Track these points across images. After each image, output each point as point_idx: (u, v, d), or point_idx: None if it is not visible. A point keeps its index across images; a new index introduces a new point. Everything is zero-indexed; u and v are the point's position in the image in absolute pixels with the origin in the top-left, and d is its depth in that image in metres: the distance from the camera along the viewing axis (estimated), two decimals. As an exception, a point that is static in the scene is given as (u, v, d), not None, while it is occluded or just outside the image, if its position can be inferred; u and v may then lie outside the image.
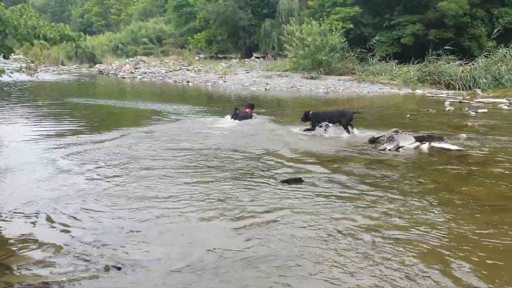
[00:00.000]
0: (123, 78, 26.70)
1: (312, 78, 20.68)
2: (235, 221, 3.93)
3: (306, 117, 8.67)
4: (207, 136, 7.98)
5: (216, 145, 7.15)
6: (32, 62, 27.38)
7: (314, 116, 8.54)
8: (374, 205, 4.35)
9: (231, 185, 4.98)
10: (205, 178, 5.25)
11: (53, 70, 32.05)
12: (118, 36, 45.94)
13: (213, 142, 7.40)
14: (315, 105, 13.91)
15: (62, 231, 3.75)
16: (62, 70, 32.92)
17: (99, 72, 31.08)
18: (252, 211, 4.17)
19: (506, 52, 18.29)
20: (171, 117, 10.33)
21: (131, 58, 36.91)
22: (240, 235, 3.67)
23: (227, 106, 13.08)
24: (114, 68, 31.70)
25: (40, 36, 7.35)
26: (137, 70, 29.02)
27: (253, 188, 4.87)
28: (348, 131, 8.18)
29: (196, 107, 12.59)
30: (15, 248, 3.43)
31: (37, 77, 20.72)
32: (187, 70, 27.40)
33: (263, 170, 5.64)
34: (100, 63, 37.33)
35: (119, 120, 10.05)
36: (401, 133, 7.55)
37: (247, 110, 10.02)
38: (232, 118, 9.67)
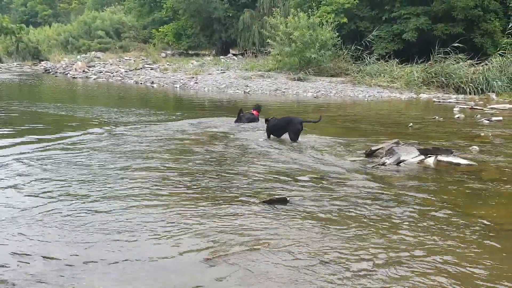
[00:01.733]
0: (74, 78, 26.42)
1: (299, 79, 20.85)
2: (205, 252, 3.86)
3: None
4: (171, 148, 7.91)
5: (183, 158, 7.09)
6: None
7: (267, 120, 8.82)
8: (370, 231, 4.34)
9: (197, 207, 4.90)
10: (167, 200, 5.16)
11: (-11, 68, 31.60)
12: (68, 28, 45.63)
13: (178, 154, 7.35)
14: (304, 112, 13.98)
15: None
16: (0, 68, 32.44)
17: (45, 70, 30.72)
18: (226, 239, 4.11)
19: (524, 50, 18.80)
20: (128, 125, 10.23)
21: (84, 55, 36.66)
22: (212, 267, 3.61)
23: (199, 112, 13.04)
24: (63, 66, 31.45)
25: (-28, 28, 7.19)
26: (91, 69, 28.84)
27: (227, 210, 4.81)
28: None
29: (161, 114, 12.51)
30: None
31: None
32: (152, 69, 27.35)
33: (239, 188, 5.59)
34: (47, 60, 36.98)
35: (59, 130, 9.78)
36: (403, 145, 7.62)
37: (254, 111, 10.39)
38: (236, 121, 10.15)
